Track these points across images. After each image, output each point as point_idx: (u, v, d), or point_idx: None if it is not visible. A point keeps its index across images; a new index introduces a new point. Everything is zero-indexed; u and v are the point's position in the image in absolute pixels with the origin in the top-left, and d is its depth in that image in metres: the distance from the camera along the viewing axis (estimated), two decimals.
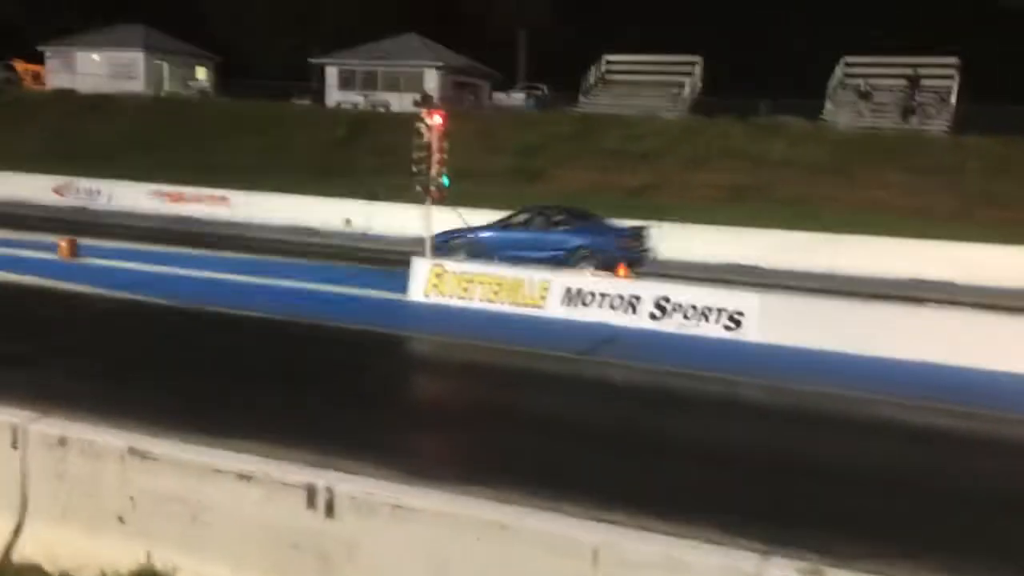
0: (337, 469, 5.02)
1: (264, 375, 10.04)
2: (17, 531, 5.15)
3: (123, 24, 50.05)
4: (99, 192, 29.19)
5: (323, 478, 4.72)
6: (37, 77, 50.93)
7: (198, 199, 27.85)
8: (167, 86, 48.22)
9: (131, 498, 4.93)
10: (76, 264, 16.13)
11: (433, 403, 10.28)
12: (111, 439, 5.12)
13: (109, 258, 16.87)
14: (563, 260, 17.36)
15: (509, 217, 19.33)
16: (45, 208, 27.53)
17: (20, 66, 51.83)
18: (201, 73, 51.35)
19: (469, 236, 18.62)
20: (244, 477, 4.73)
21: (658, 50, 37.25)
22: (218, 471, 4.79)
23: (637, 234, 18.54)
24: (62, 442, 5.13)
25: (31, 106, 44.81)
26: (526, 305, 13.80)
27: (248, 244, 20.97)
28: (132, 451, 4.95)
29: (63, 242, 16.74)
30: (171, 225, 24.88)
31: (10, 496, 5.20)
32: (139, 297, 13.58)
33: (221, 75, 50.63)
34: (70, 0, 55.31)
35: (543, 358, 11.63)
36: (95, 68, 48.11)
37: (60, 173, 30.75)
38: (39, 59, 51.17)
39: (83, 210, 27.73)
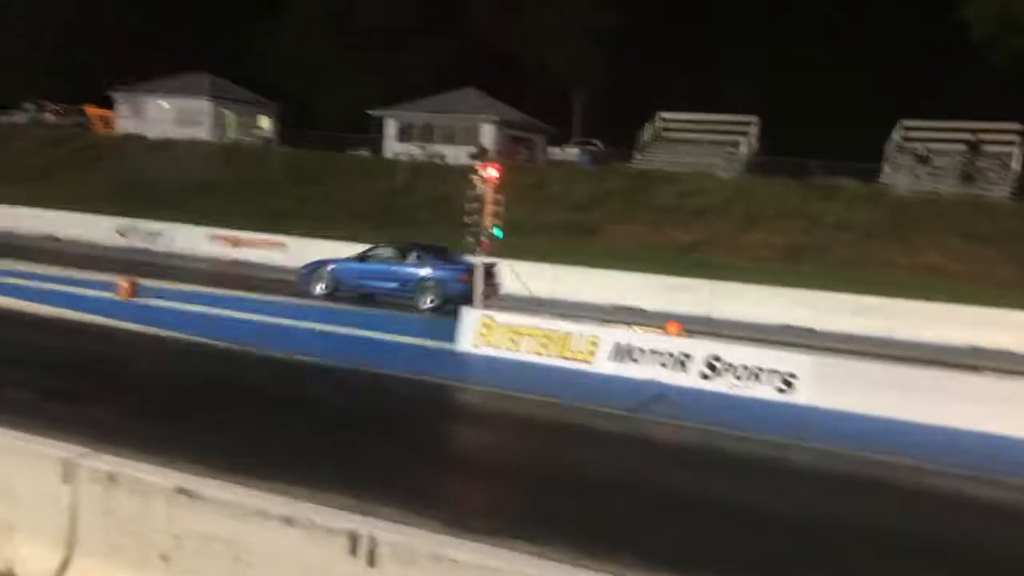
0: (381, 517, 5.02)
1: (312, 419, 10.10)
2: (65, 565, 5.21)
3: (191, 72, 51.73)
4: (161, 234, 29.89)
5: (366, 525, 4.71)
6: (107, 122, 52.67)
7: (256, 244, 28.37)
8: (231, 133, 49.54)
9: (176, 537, 4.96)
10: (135, 304, 16.48)
11: (479, 454, 10.26)
12: (159, 478, 5.17)
13: (167, 299, 17.23)
14: (408, 290, 19.26)
15: (368, 250, 20.58)
16: (108, 249, 28.27)
17: (91, 111, 53.70)
18: (264, 122, 52.70)
19: (330, 267, 20.18)
20: (288, 521, 4.74)
21: (713, 107, 37.48)
22: (263, 513, 4.80)
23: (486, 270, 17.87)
24: (112, 478, 5.20)
25: (100, 150, 46.39)
26: (575, 359, 13.76)
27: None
28: (180, 490, 5.00)
29: (123, 282, 17.14)
30: (228, 269, 25.37)
31: (59, 530, 5.28)
32: (193, 338, 13.81)
33: (283, 124, 51.91)
34: (141, 48, 57.32)
35: (591, 414, 11.55)
36: (163, 114, 49.68)
37: (125, 215, 31.62)
38: (109, 104, 52.99)
39: (145, 252, 28.41)
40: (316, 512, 4.84)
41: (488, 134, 42.55)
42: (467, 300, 16.37)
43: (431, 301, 18.95)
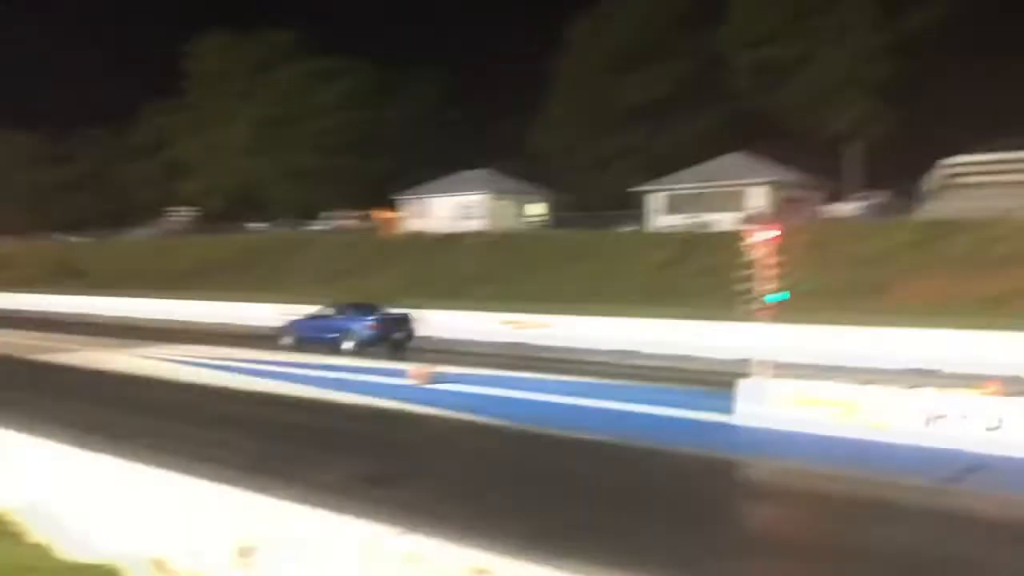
0: None
1: (597, 498, 10.06)
2: None
3: (468, 170, 55.32)
4: (448, 322, 31.55)
5: None
6: (392, 223, 57.28)
7: (531, 325, 29.22)
8: (506, 222, 52.02)
9: None
10: (429, 389, 17.44)
11: (770, 533, 9.69)
12: (458, 557, 5.33)
13: (456, 383, 18.10)
14: (337, 340, 24.98)
15: (317, 311, 26.91)
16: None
17: (378, 215, 58.68)
18: (536, 208, 54.94)
19: (294, 322, 26.83)
20: None
21: (998, 147, 34.28)
22: None
23: (392, 319, 25.98)
24: (413, 559, 5.42)
25: (391, 248, 50.32)
26: (871, 427, 12.74)
27: (578, 367, 21.55)
28: (478, 570, 5.11)
29: (418, 369, 18.25)
30: (509, 351, 26.27)
31: None
32: (482, 419, 14.35)
33: (555, 208, 53.84)
34: (425, 152, 62.13)
35: (896, 487, 10.59)
36: (444, 211, 53.23)
37: (413, 307, 33.81)
38: (394, 207, 57.76)
39: (431, 339, 30.11)
40: None
41: (759, 196, 41.55)
42: (374, 343, 24.54)
43: (348, 345, 24.83)
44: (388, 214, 58.26)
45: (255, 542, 6.29)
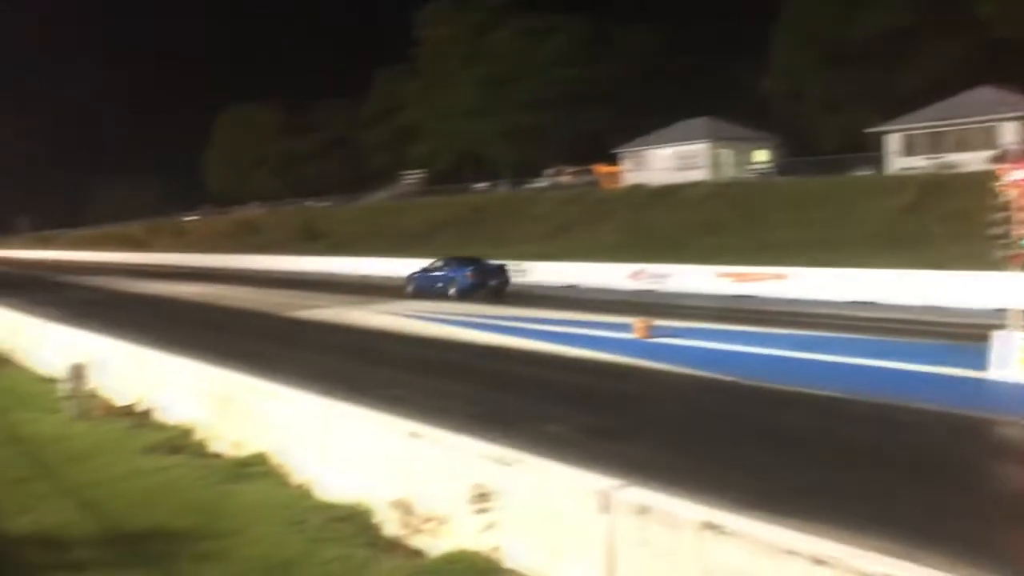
0: (925, 565, 4.57)
1: (835, 457, 9.66)
2: None
3: (688, 119, 53.99)
4: (668, 276, 31.31)
5: (904, 571, 4.33)
6: (613, 177, 57.08)
7: (758, 277, 28.37)
8: (728, 171, 50.53)
9: (707, 570, 5.02)
10: (650, 343, 17.39)
11: None
12: (688, 511, 5.29)
13: (678, 337, 17.92)
14: (444, 288, 29.05)
15: (430, 264, 31.02)
16: (621, 292, 30.36)
17: (599, 169, 58.68)
18: (761, 155, 52.94)
19: (413, 274, 31.32)
20: (818, 561, 4.53)
21: None
22: (791, 552, 4.65)
23: (490, 269, 29.96)
24: (644, 511, 5.45)
25: (609, 203, 50.27)
26: None
27: (807, 320, 20.72)
28: (707, 525, 5.06)
29: (639, 323, 18.21)
30: (733, 304, 25.69)
31: (600, 557, 5.65)
32: (706, 374, 14.13)
33: (781, 155, 51.61)
34: (647, 104, 61.25)
35: None
36: (662, 163, 52.43)
37: (633, 260, 33.78)
38: (613, 160, 57.43)
39: (655, 293, 29.99)
40: (848, 554, 4.56)
41: (1012, 133, 37.92)
42: (473, 290, 28.54)
43: (452, 292, 28.75)
44: (608, 168, 58.19)
45: (491, 488, 6.55)
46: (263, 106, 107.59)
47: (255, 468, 8.84)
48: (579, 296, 29.78)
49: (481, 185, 70.81)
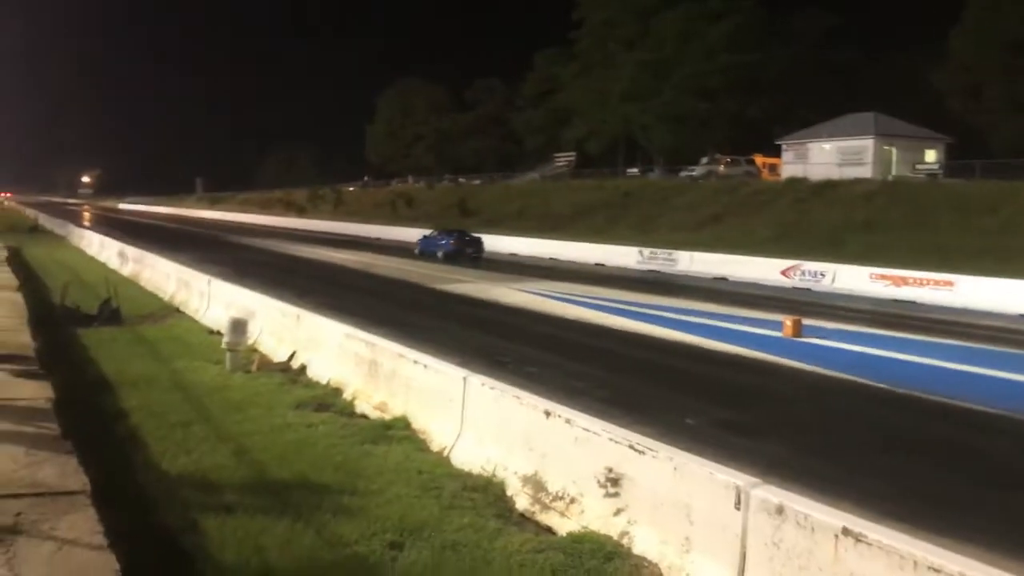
0: None
1: (985, 475, 9.14)
2: None
3: (855, 113, 51.77)
4: (823, 274, 30.27)
5: None
6: (773, 169, 55.44)
7: (920, 283, 27.04)
8: (894, 170, 48.22)
9: None
10: (799, 342, 16.88)
11: None
12: (826, 516, 5.14)
13: (830, 338, 17.33)
14: (436, 252, 37.05)
15: (431, 232, 39.94)
16: (773, 288, 29.57)
17: (759, 160, 57.11)
18: (930, 155, 50.20)
19: (420, 240, 39.70)
20: None
21: None
22: (936, 570, 4.46)
23: (469, 240, 38.17)
24: (779, 511, 5.33)
25: (765, 195, 48.86)
26: None
27: (972, 331, 19.61)
28: (846, 531, 4.91)
29: (788, 321, 17.70)
30: (890, 308, 24.60)
31: (731, 554, 5.57)
32: (856, 378, 13.60)
33: (952, 156, 48.79)
34: (811, 96, 59.14)
35: None
36: (825, 157, 50.48)
37: (787, 256, 32.79)
38: (776, 152, 55.70)
39: (807, 291, 29.05)
40: None
41: None
42: (455, 256, 36.23)
43: (440, 255, 36.73)
44: (767, 159, 56.60)
45: (622, 473, 6.56)
46: (425, 83, 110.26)
47: (396, 432, 9.15)
48: (728, 289, 29.19)
49: (633, 170, 70.22)
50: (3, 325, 12.84)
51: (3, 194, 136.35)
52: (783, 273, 31.52)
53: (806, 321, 18.12)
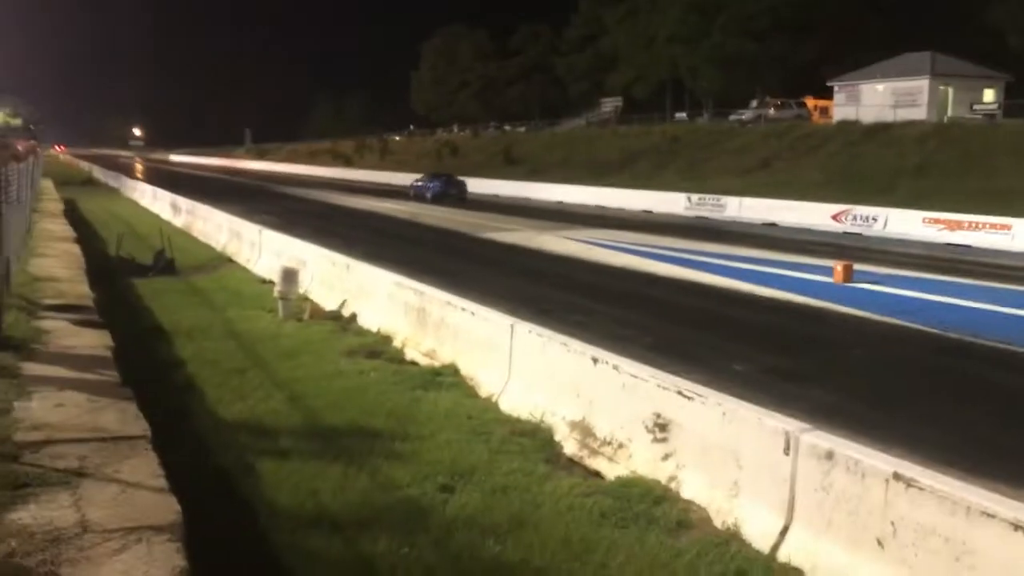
0: None
1: None
2: (784, 532, 5.51)
3: (910, 52, 50.22)
4: (874, 219, 29.73)
5: None
6: (824, 112, 54.22)
7: (975, 226, 26.43)
8: (950, 111, 46.89)
9: (892, 523, 4.87)
10: (849, 287, 16.66)
11: None
12: (876, 461, 5.13)
13: (881, 284, 17.08)
14: (424, 195, 42.70)
15: (420, 177, 46.01)
16: (823, 233, 29.13)
17: (810, 102, 55.85)
18: (988, 95, 48.67)
19: (412, 184, 45.88)
20: (1019, 528, 4.29)
21: None
22: (989, 514, 4.43)
23: (454, 182, 44.20)
24: (829, 456, 5.32)
25: (816, 139, 47.91)
26: None
27: None
28: (897, 476, 4.89)
29: (838, 266, 17.46)
30: (943, 253, 24.12)
31: (780, 498, 5.59)
32: (908, 323, 13.41)
33: (1012, 95, 47.23)
34: (864, 36, 57.46)
35: None
36: (878, 98, 49.22)
37: (838, 201, 32.21)
38: (828, 95, 54.38)
39: (858, 236, 28.57)
40: None
41: None
42: (440, 197, 41.58)
43: (428, 196, 42.21)
44: (818, 102, 55.36)
45: (670, 419, 6.59)
46: (470, 30, 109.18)
47: (446, 378, 9.26)
48: (777, 235, 28.81)
49: (681, 115, 69.18)
50: (62, 276, 13.17)
51: (58, 147, 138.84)
52: (833, 218, 31.00)
53: (857, 266, 17.86)
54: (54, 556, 4.15)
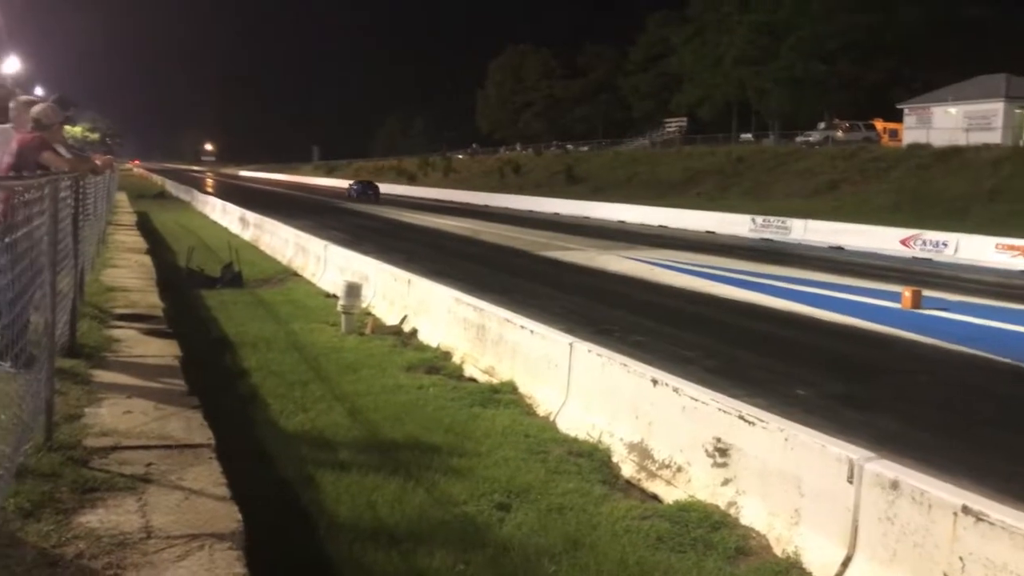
0: None
1: None
2: (847, 563, 5.38)
3: (984, 75, 49.10)
4: (945, 244, 29.04)
5: None
6: (894, 134, 53.24)
7: None
8: None
9: (960, 559, 4.72)
10: (917, 314, 16.28)
11: None
12: (944, 493, 4.98)
13: (951, 311, 16.65)
14: (351, 197, 65.75)
15: (352, 183, 72.98)
16: (891, 258, 28.53)
17: (879, 124, 54.89)
18: None
19: (348, 187, 72.45)
20: None
21: None
22: None
23: (371, 187, 69.07)
24: (894, 486, 5.19)
25: (885, 162, 47.01)
26: None
27: None
28: (966, 510, 4.75)
29: (907, 291, 17.07)
30: (1017, 280, 23.43)
31: (842, 528, 5.47)
32: (978, 352, 13.03)
33: None
34: (936, 58, 56.34)
35: None
36: (950, 121, 48.18)
37: (907, 225, 31.55)
38: (898, 117, 53.39)
39: (928, 262, 27.92)
40: None
41: None
42: (358, 198, 63.76)
43: (352, 195, 66.30)
44: (887, 124, 54.38)
45: (730, 443, 6.50)
46: (536, 49, 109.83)
47: (504, 396, 9.28)
48: (843, 258, 28.30)
49: (746, 136, 68.51)
50: (134, 286, 13.52)
51: (133, 162, 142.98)
52: (902, 243, 30.36)
53: (926, 292, 17.45)
54: (119, 560, 4.24)
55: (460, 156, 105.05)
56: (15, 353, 4.98)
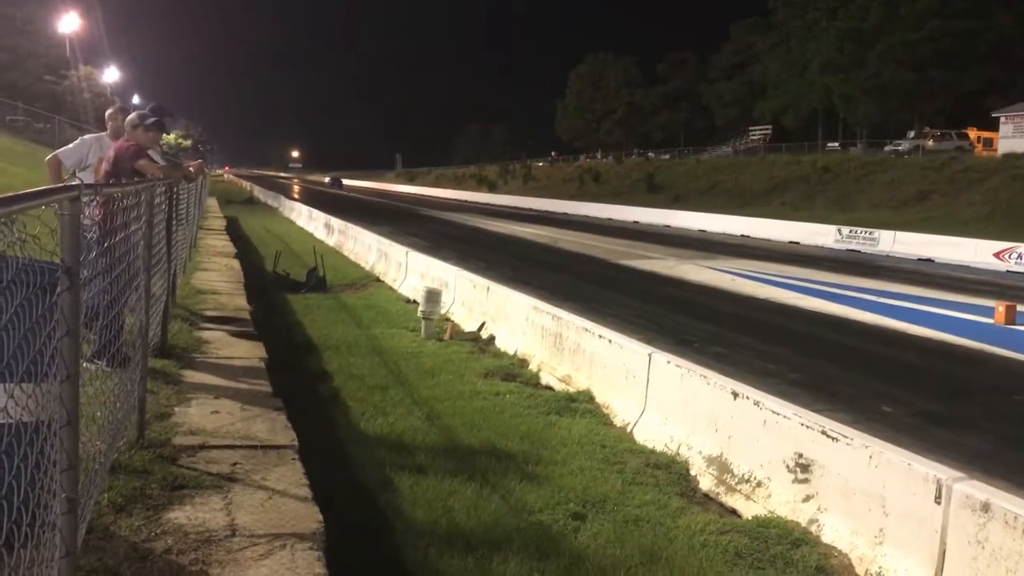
0: None
1: None
2: None
3: None
4: None
5: None
6: (988, 144, 51.51)
7: None
8: None
9: None
10: (1011, 329, 15.68)
11: None
12: None
13: None
14: (331, 187, 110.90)
15: (329, 179, 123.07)
16: (984, 272, 27.57)
17: (973, 133, 53.14)
18: None
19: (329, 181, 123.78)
20: None
21: None
22: None
23: (338, 181, 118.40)
24: (985, 508, 5.02)
25: (978, 172, 45.46)
26: None
27: None
28: None
29: (1001, 306, 16.47)
30: None
31: (929, 549, 5.31)
32: None
33: None
34: None
35: None
36: None
37: (1001, 238, 30.44)
38: (993, 126, 51.66)
39: (1023, 276, 26.88)
40: None
41: None
42: (331, 187, 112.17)
43: (327, 185, 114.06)
44: (981, 133, 52.62)
45: (812, 459, 6.37)
46: (617, 57, 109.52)
47: (580, 404, 9.26)
48: (933, 271, 27.44)
49: (833, 145, 67.06)
50: (223, 289, 13.91)
51: (223, 168, 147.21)
52: (996, 256, 29.28)
53: (1021, 308, 16.80)
54: (205, 556, 4.38)
55: (540, 164, 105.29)
56: (111, 353, 5.18)
